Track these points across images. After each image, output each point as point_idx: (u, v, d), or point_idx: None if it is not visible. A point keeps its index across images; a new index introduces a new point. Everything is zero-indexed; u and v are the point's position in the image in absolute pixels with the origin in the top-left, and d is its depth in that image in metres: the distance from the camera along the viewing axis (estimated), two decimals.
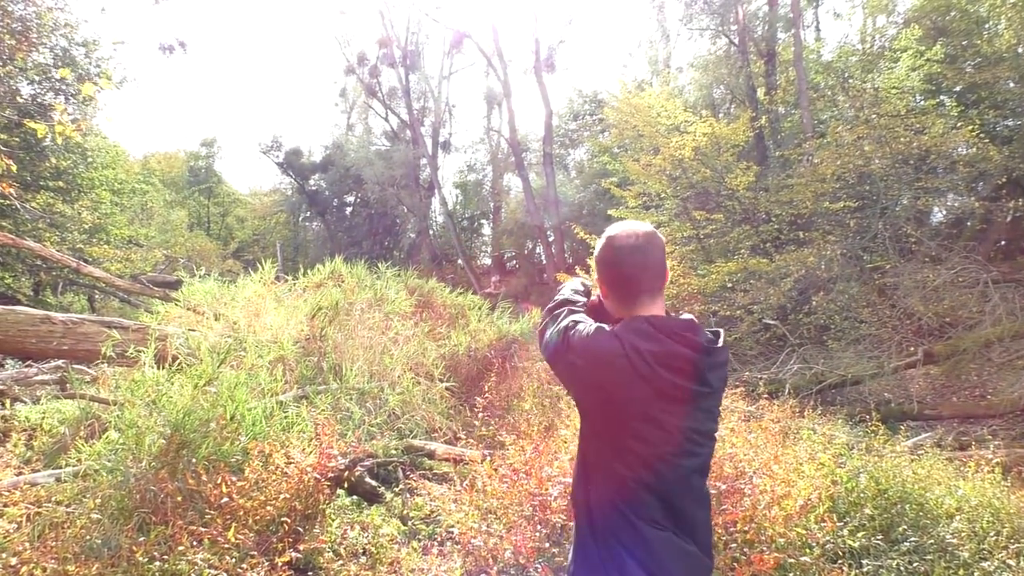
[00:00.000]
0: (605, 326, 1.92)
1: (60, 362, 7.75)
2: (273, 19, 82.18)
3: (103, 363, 6.05)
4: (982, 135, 13.57)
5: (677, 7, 29.36)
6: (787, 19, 20.96)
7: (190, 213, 36.08)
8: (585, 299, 2.21)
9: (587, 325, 1.92)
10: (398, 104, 36.43)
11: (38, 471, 4.50)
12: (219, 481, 3.94)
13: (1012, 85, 15.38)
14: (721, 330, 1.99)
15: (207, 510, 3.86)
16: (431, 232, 35.76)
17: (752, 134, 16.90)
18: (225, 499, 3.87)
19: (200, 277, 9.65)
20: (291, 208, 39.89)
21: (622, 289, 1.98)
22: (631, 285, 1.95)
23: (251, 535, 3.79)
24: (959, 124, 13.57)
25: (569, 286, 2.30)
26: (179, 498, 3.87)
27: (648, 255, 1.95)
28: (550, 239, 27.20)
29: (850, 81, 16.79)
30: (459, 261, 32.29)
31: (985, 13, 16.34)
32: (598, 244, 2.02)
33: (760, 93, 20.71)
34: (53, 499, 3.96)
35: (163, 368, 5.07)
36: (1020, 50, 15.13)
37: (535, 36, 28.04)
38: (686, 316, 1.93)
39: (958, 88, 16.27)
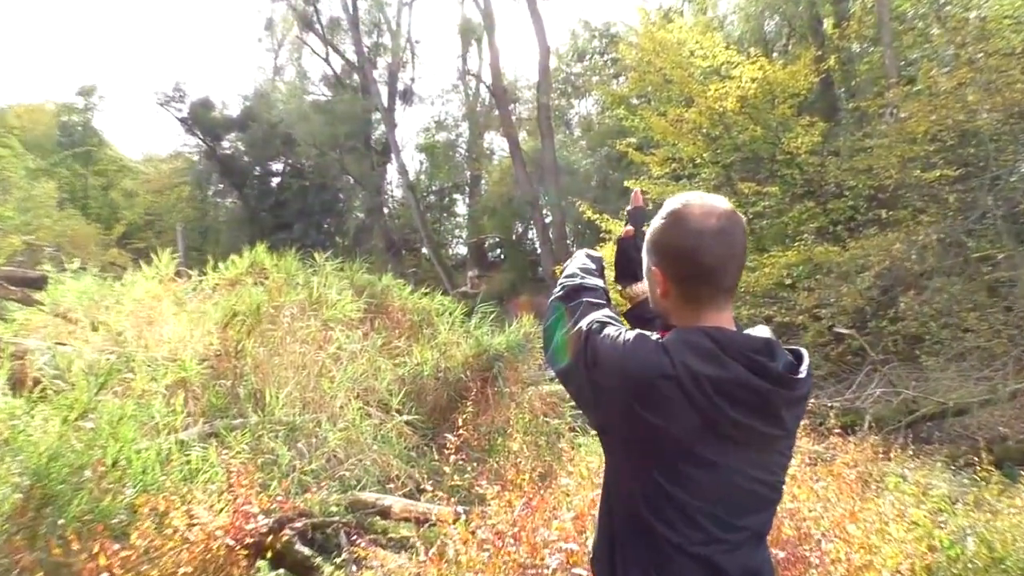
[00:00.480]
0: (648, 334, 1.85)
1: None
2: None
3: None
4: None
5: None
6: None
7: (61, 185, 35.59)
8: (601, 281, 2.19)
9: (618, 329, 1.87)
10: (343, 40, 36.52)
11: None
12: (96, 550, 3.89)
13: None
14: (804, 352, 1.94)
15: None
16: (386, 211, 35.82)
17: (817, 79, 16.89)
18: (104, 574, 3.82)
19: (73, 272, 9.55)
20: (198, 179, 39.77)
21: (698, 287, 1.90)
22: (713, 281, 1.90)
23: None
24: None
25: (576, 262, 2.28)
26: (40, 574, 3.82)
27: (735, 242, 1.90)
28: (547, 220, 27.22)
29: (947, 8, 16.83)
30: (424, 250, 32.38)
31: None
32: (658, 223, 1.96)
33: (828, 25, 20.78)
34: None
35: (21, 396, 5.01)
36: None
37: None
38: (763, 331, 1.88)
39: None
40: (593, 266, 2.23)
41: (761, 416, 1.78)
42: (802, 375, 1.85)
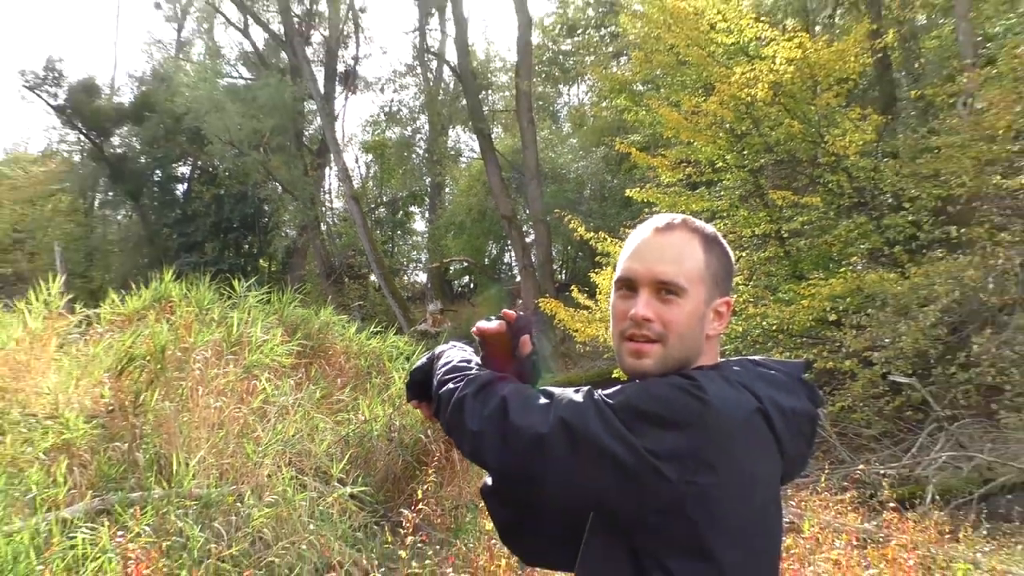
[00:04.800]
0: (697, 376, 1.91)
1: None
2: None
3: None
4: None
5: None
6: None
7: None
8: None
9: (642, 382, 1.93)
10: (266, 7, 36.53)
11: None
12: None
13: None
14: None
15: None
16: (324, 228, 35.73)
17: (872, 61, 17.07)
18: None
19: None
20: (81, 185, 39.63)
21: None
22: None
23: None
24: None
25: (455, 356, 2.26)
26: None
27: None
28: (528, 239, 27.29)
29: None
30: (372, 277, 32.36)
31: None
32: (712, 245, 2.07)
33: None
34: None
35: None
36: None
37: None
38: (791, 359, 2.07)
39: None
40: (475, 357, 2.23)
41: (810, 445, 2.02)
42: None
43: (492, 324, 2.15)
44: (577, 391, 1.89)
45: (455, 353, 2.24)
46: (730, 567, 1.76)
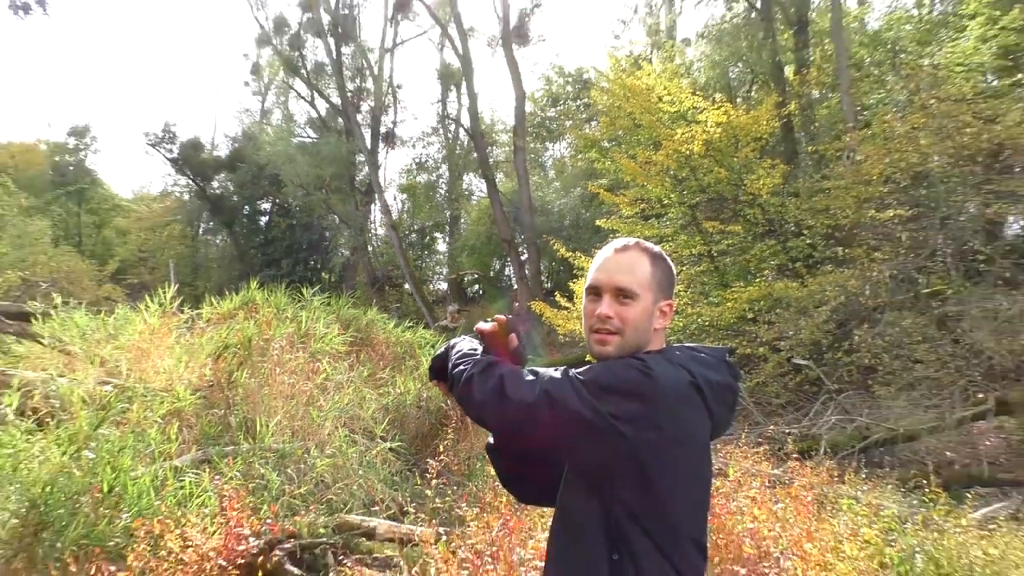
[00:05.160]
0: (646, 358, 1.99)
1: None
2: None
3: None
4: None
5: None
6: None
7: (55, 223, 35.42)
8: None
9: (605, 362, 2.01)
10: (327, 84, 36.50)
11: None
12: (93, 571, 3.89)
13: None
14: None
15: None
16: (370, 249, 35.66)
17: (779, 124, 17.07)
18: None
19: (59, 306, 9.47)
20: (189, 217, 39.72)
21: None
22: None
23: None
24: None
25: (466, 345, 2.27)
26: None
27: None
28: (523, 257, 27.25)
29: (902, 56, 17.03)
30: (406, 286, 32.26)
31: None
32: (662, 259, 2.18)
33: (789, 72, 21.00)
34: None
35: (19, 426, 5.02)
36: None
37: None
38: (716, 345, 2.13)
39: None
40: (479, 347, 2.24)
41: (733, 413, 2.11)
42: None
43: (488, 325, 2.23)
44: (556, 370, 1.97)
45: (465, 344, 2.26)
46: (668, 495, 1.88)
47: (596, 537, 1.93)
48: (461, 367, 2.11)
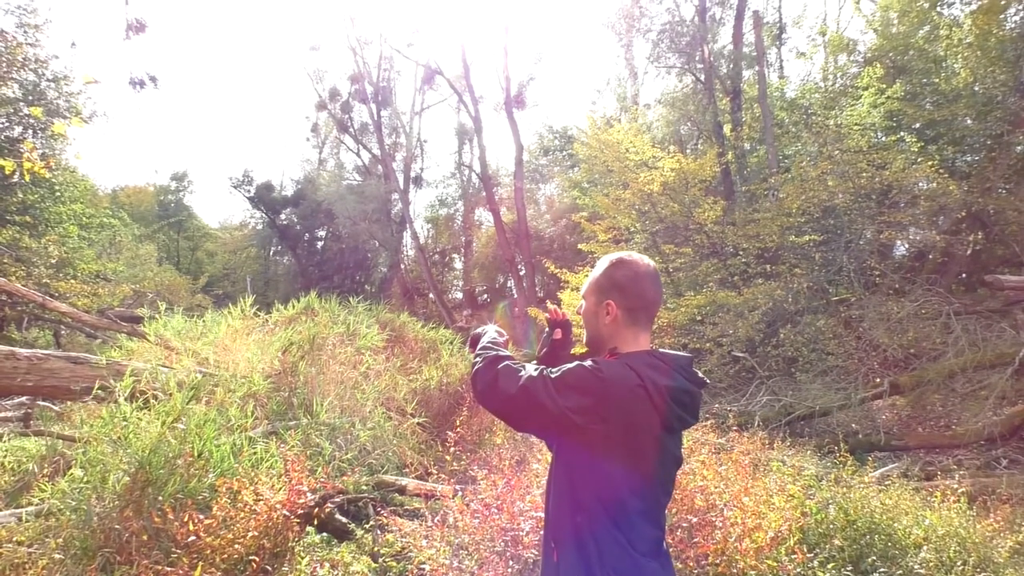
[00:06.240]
0: (604, 360, 1.95)
1: (24, 399, 7.59)
2: (245, 53, 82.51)
3: (79, 399, 5.94)
4: (942, 170, 13.74)
5: (644, 46, 29.78)
6: (751, 57, 21.38)
7: (159, 247, 35.63)
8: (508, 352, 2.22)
9: (572, 364, 1.93)
10: (370, 139, 36.59)
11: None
12: (186, 519, 3.85)
13: (969, 122, 15.66)
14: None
15: (173, 549, 3.77)
16: (402, 266, 35.74)
17: (719, 169, 17.07)
18: (192, 537, 3.78)
19: (162, 311, 9.47)
20: (262, 242, 39.81)
21: (643, 314, 2.07)
22: (650, 310, 2.08)
23: (218, 574, 3.71)
24: (919, 160, 13.70)
25: (488, 337, 2.30)
26: (144, 537, 3.79)
27: (660, 285, 2.11)
28: (521, 273, 27.26)
29: (813, 118, 17.04)
30: (430, 295, 32.28)
31: (942, 52, 16.71)
32: (606, 267, 2.12)
33: (726, 129, 21.04)
34: (14, 539, 3.87)
35: (130, 405, 4.98)
36: (976, 88, 15.45)
37: (505, 73, 28.44)
38: (683, 352, 2.05)
39: (918, 125, 16.50)
40: (500, 339, 2.29)
41: (692, 413, 2.00)
42: (706, 380, 2.06)
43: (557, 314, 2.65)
44: (536, 369, 1.96)
45: (490, 335, 2.31)
46: (614, 475, 1.85)
47: (565, 501, 1.95)
48: (475, 358, 2.14)
